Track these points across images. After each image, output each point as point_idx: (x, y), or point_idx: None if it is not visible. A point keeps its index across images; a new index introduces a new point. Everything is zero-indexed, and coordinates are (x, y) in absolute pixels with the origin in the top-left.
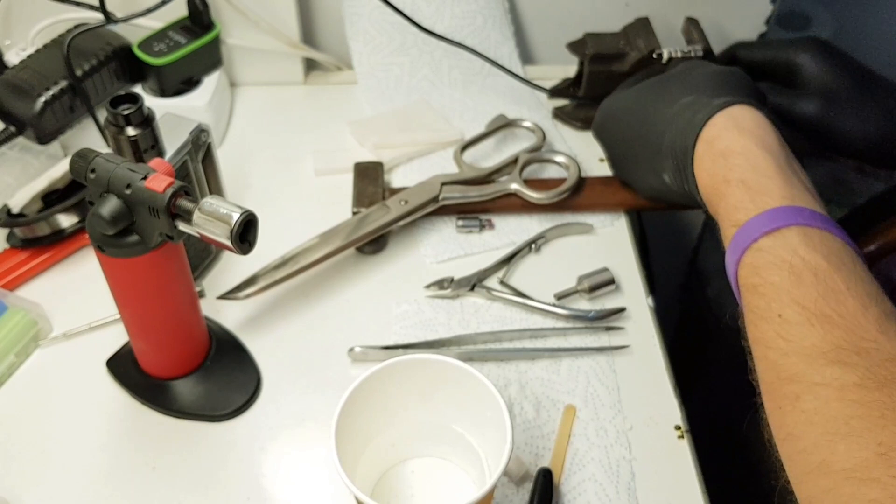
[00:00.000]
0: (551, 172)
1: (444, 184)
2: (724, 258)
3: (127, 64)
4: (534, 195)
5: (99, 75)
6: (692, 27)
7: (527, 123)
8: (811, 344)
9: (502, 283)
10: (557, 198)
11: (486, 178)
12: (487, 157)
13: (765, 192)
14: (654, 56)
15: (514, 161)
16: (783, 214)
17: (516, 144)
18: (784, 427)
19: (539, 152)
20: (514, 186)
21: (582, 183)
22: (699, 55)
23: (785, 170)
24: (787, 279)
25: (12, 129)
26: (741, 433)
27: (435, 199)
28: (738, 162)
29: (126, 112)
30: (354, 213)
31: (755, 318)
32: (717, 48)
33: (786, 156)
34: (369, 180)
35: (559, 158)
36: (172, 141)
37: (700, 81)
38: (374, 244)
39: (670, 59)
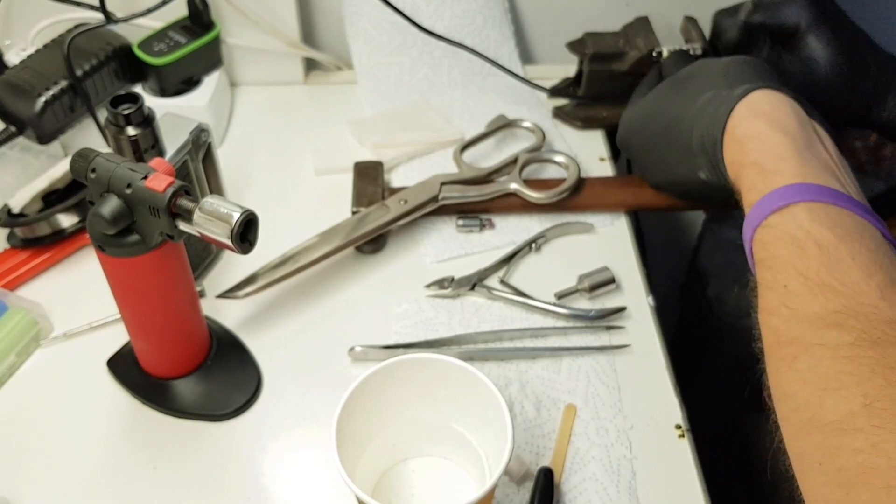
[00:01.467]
0: (551, 172)
1: (443, 183)
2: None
3: (127, 64)
4: (533, 195)
5: (99, 75)
6: (691, 26)
7: (526, 123)
8: (812, 311)
9: (503, 282)
10: (557, 197)
11: (486, 178)
12: (487, 157)
13: (776, 172)
14: (654, 55)
15: (514, 161)
16: (791, 192)
17: (516, 144)
18: (780, 387)
19: (539, 152)
20: (514, 186)
21: (582, 183)
22: (698, 54)
23: (801, 150)
24: (792, 252)
25: (12, 128)
26: (742, 432)
27: (434, 199)
28: (752, 146)
29: (126, 112)
30: (354, 213)
31: (763, 289)
32: None
33: (805, 135)
34: (369, 180)
35: (559, 158)
36: (173, 141)
37: (715, 75)
38: (374, 244)
39: (669, 56)
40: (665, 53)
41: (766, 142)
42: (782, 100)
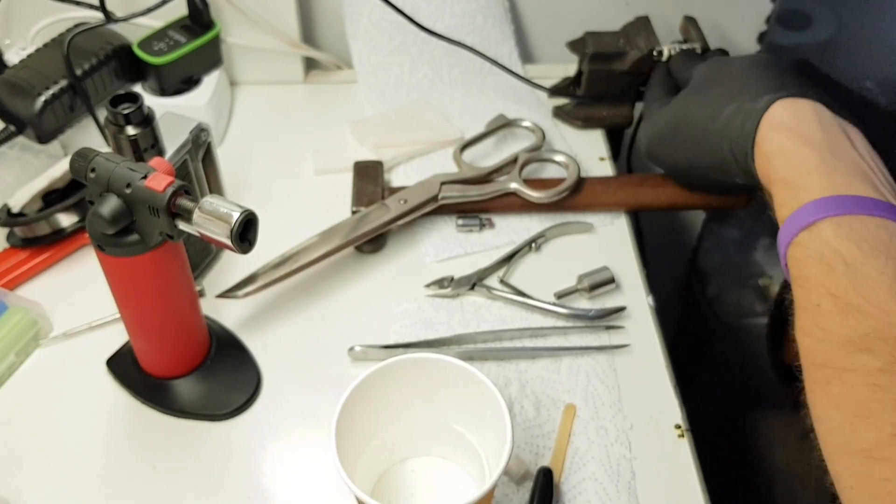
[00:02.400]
0: (551, 171)
1: (443, 183)
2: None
3: (127, 63)
4: (533, 194)
5: (99, 74)
6: (690, 25)
7: (526, 123)
8: (844, 333)
9: (502, 282)
10: (557, 197)
11: (486, 178)
12: (487, 156)
13: (803, 188)
14: (655, 54)
15: (514, 161)
16: (817, 208)
17: (516, 144)
18: (815, 408)
19: (538, 152)
20: (514, 186)
21: (581, 182)
22: (698, 53)
23: (828, 160)
24: (821, 270)
25: (12, 128)
26: (741, 432)
27: (434, 199)
28: (779, 162)
29: (126, 111)
30: (354, 213)
31: (798, 308)
32: (717, 47)
33: (832, 142)
34: (369, 179)
35: (559, 158)
36: (172, 140)
37: (736, 83)
38: (373, 243)
39: (670, 56)
40: (665, 53)
41: (790, 157)
42: (804, 107)
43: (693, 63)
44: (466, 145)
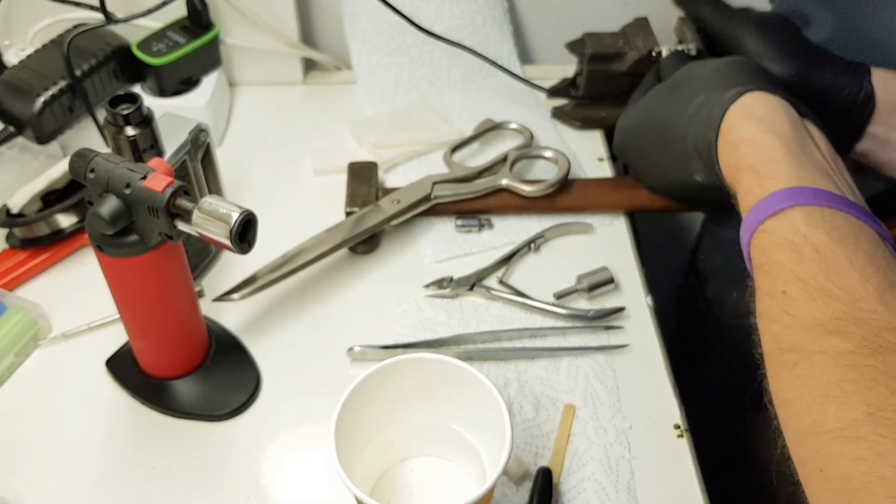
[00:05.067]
0: (542, 169)
1: (435, 183)
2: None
3: (126, 64)
4: (525, 188)
5: (98, 75)
6: (685, 26)
7: (513, 125)
8: (812, 318)
9: (501, 282)
10: (548, 190)
11: (477, 177)
12: (477, 158)
13: (771, 176)
14: (653, 55)
15: (504, 159)
16: (787, 196)
17: (505, 145)
18: (780, 393)
19: (528, 149)
20: (505, 181)
21: (571, 182)
22: (693, 55)
23: (795, 152)
24: (790, 256)
25: (11, 128)
26: (741, 432)
27: (427, 198)
28: (747, 150)
29: (125, 112)
30: (348, 214)
31: (762, 294)
32: None
33: (798, 137)
34: (363, 180)
35: (548, 154)
36: (172, 141)
37: (707, 78)
38: (367, 244)
39: (667, 57)
40: (664, 53)
41: (759, 145)
42: (774, 101)
43: (683, 65)
44: (456, 148)
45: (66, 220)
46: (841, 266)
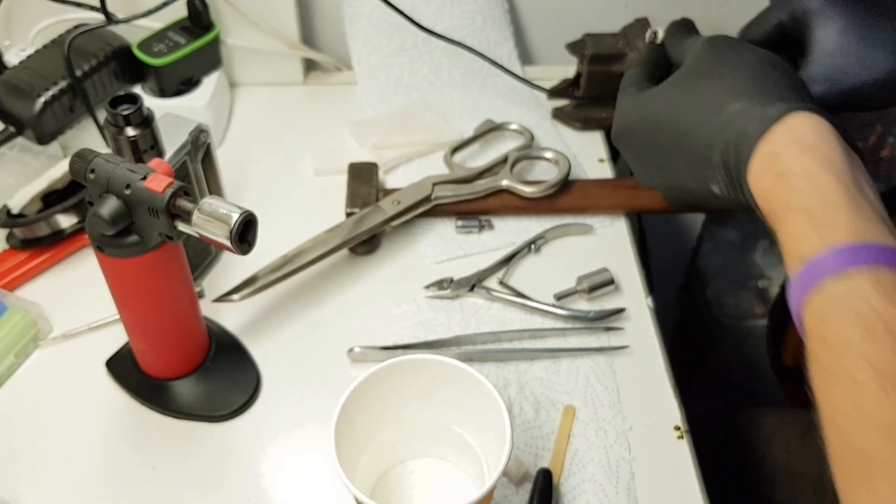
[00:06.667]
0: (542, 170)
1: (435, 184)
2: (788, 288)
3: (126, 64)
4: (525, 189)
5: (99, 75)
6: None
7: (513, 126)
8: (889, 421)
9: (502, 283)
10: (549, 191)
11: (478, 178)
12: (477, 159)
13: (831, 225)
14: (649, 36)
15: (504, 160)
16: (851, 255)
17: (505, 146)
18: (855, 501)
19: (529, 150)
20: (505, 182)
21: (572, 183)
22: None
23: (854, 195)
24: (859, 334)
25: (12, 129)
26: (741, 433)
27: (427, 199)
28: (800, 187)
29: (126, 112)
30: (348, 214)
31: (822, 373)
32: None
33: (853, 174)
34: (363, 181)
35: (548, 154)
36: (172, 141)
37: (743, 80)
38: (367, 245)
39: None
40: (661, 35)
41: (815, 184)
42: (825, 127)
43: (687, 35)
44: (456, 149)
45: (66, 221)
46: None
